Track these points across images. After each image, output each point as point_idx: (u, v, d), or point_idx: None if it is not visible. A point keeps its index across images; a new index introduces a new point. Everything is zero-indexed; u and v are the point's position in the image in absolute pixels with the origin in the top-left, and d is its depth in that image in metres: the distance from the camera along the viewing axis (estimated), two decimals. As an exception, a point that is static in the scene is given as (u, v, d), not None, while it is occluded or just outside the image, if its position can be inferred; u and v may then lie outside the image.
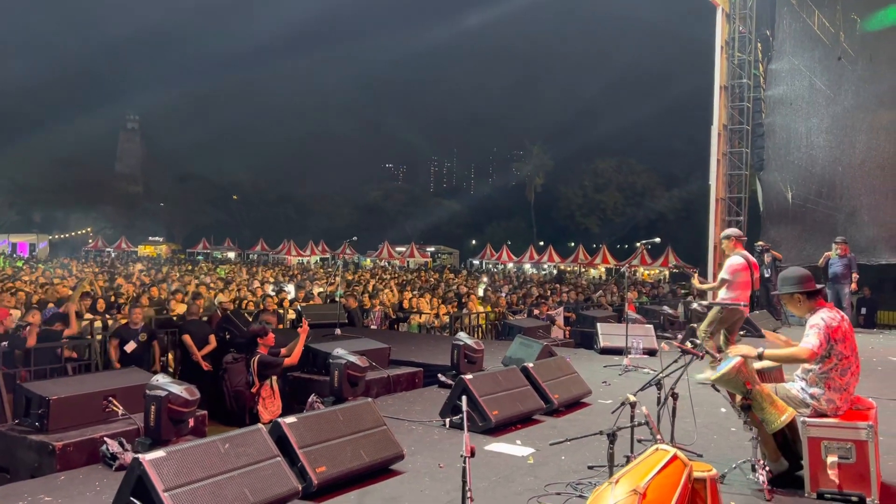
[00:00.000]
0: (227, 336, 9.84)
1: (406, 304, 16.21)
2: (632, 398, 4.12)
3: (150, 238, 61.65)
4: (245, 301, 13.75)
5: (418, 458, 5.09)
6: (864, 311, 16.58)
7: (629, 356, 8.92)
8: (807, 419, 4.37)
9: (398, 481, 4.63)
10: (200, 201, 67.56)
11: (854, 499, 4.18)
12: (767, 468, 4.42)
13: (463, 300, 16.53)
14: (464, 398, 3.81)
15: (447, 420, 5.92)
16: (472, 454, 3.56)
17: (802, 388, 4.54)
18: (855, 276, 13.75)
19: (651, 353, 9.64)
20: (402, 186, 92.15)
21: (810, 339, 4.36)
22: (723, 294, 8.07)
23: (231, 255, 55.06)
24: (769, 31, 16.95)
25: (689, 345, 5.56)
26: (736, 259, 7.98)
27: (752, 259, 8.13)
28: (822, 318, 4.41)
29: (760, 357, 4.60)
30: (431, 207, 71.98)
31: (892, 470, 4.85)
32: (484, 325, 14.82)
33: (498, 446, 5.41)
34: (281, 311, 14.15)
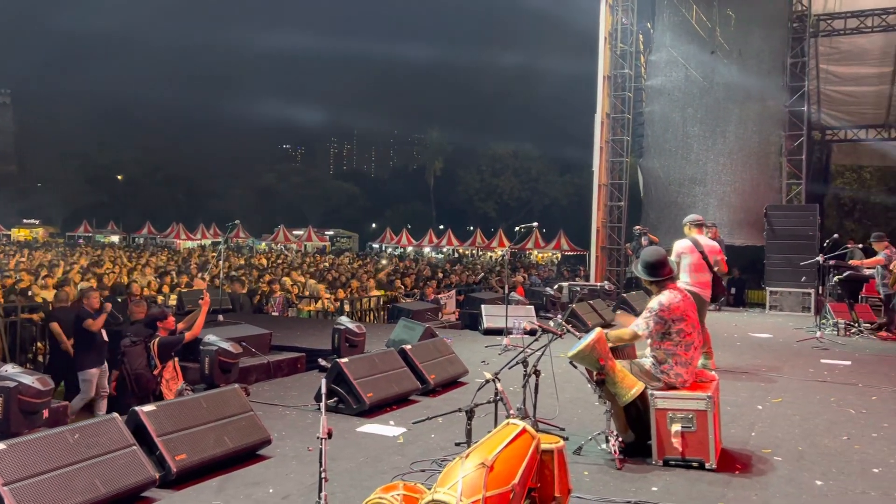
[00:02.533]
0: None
1: (298, 290, 16.00)
2: (488, 375, 4.25)
3: (25, 220, 57.54)
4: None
5: (288, 442, 5.07)
6: (733, 290, 17.75)
7: (509, 336, 9.19)
8: (654, 392, 4.67)
9: (264, 466, 4.60)
10: (81, 181, 63.65)
11: (695, 464, 4.51)
12: (620, 439, 4.69)
13: (356, 283, 16.47)
14: (323, 381, 3.81)
15: (321, 404, 5.89)
16: (330, 436, 3.58)
17: (653, 364, 4.85)
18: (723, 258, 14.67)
19: (531, 332, 9.96)
20: (299, 168, 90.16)
21: (640, 322, 4.76)
22: (681, 278, 7.66)
23: (115, 238, 52.28)
24: (650, 23, 17.71)
25: (551, 324, 5.79)
26: (683, 242, 7.81)
27: (708, 242, 7.88)
28: (660, 301, 4.75)
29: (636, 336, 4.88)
30: (330, 190, 70.92)
31: (734, 437, 5.26)
32: (376, 309, 14.85)
33: (371, 427, 5.47)
34: (162, 296, 13.64)
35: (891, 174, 26.50)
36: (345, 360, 5.97)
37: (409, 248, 50.25)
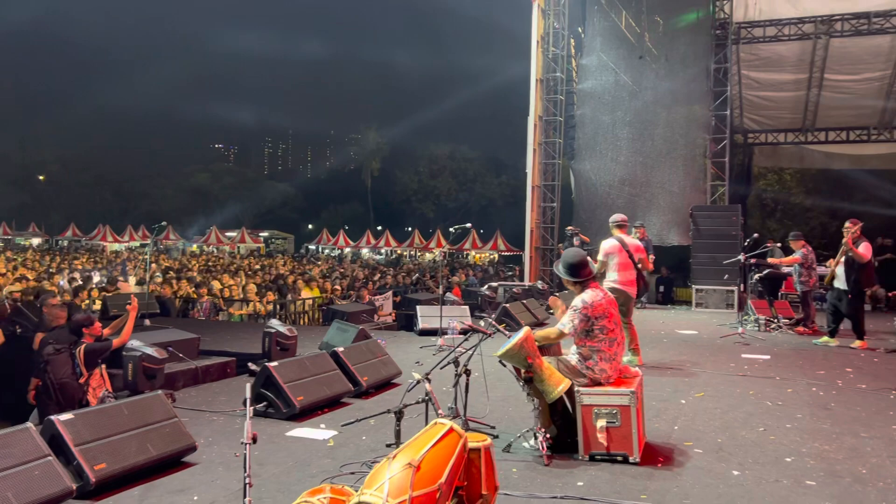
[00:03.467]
0: (19, 330, 8.99)
1: (228, 293, 15.68)
2: (417, 376, 4.28)
3: (-64, 224, 54.52)
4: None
5: (215, 448, 4.97)
6: (662, 288, 18.27)
7: (444, 337, 9.24)
8: (580, 389, 4.78)
9: (188, 473, 4.50)
10: (0, 182, 60.76)
11: (619, 458, 4.63)
12: (548, 435, 4.78)
13: (290, 286, 16.25)
14: (248, 385, 3.74)
15: (248, 408, 5.79)
16: (255, 440, 3.52)
17: (579, 360, 4.96)
18: (651, 257, 15.09)
19: (465, 332, 10.02)
20: (232, 168, 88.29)
21: (565, 321, 4.90)
22: (608, 276, 8.10)
23: (36, 241, 50.06)
24: (581, 27, 18.08)
25: (481, 324, 5.85)
26: (610, 241, 8.16)
27: (633, 241, 8.23)
28: (583, 299, 4.90)
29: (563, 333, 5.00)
30: (265, 191, 69.72)
31: (658, 430, 5.43)
32: (310, 312, 14.69)
33: (301, 431, 5.41)
34: (87, 301, 13.17)
35: (809, 176, 27.80)
36: (274, 363, 5.88)
37: (347, 250, 49.87)
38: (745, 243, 12.16)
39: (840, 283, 9.68)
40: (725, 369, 7.97)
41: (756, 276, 12.68)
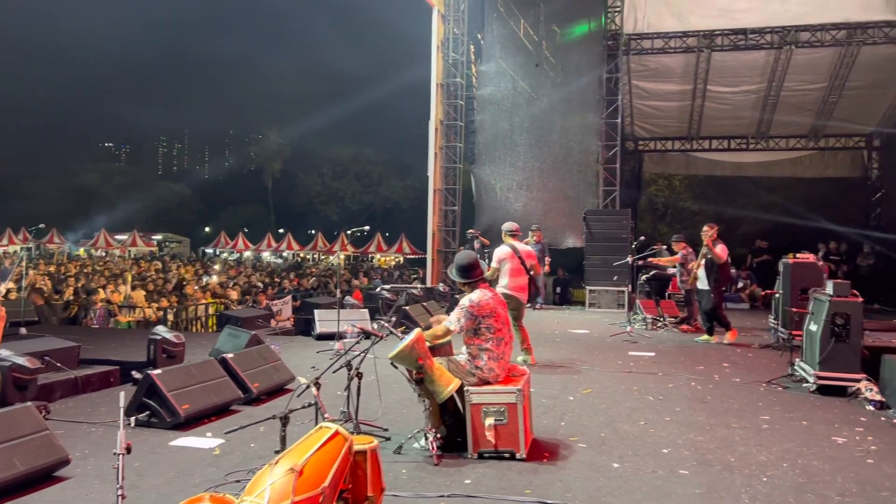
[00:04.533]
0: None
1: (118, 298, 14.97)
2: (303, 380, 4.23)
3: None
4: None
5: (91, 461, 4.73)
6: (559, 290, 18.83)
7: (342, 341, 9.16)
8: (469, 388, 4.86)
9: (61, 488, 4.26)
10: None
11: (507, 455, 4.75)
12: (438, 435, 4.83)
13: (184, 291, 15.67)
14: (121, 394, 3.59)
15: (132, 419, 5.57)
16: (129, 451, 3.38)
17: (468, 360, 5.05)
18: (548, 259, 15.55)
19: (367, 336, 9.97)
20: (123, 168, 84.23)
21: (452, 317, 5.02)
22: (501, 282, 8.30)
23: None
24: (480, 34, 18.37)
25: (374, 327, 5.85)
26: (503, 248, 8.44)
27: (524, 248, 8.52)
28: (471, 298, 5.03)
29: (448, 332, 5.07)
30: (159, 191, 66.84)
31: (546, 427, 5.59)
32: (205, 318, 14.22)
33: (185, 440, 5.23)
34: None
35: (696, 182, 29.31)
36: (157, 371, 5.66)
37: (247, 253, 48.54)
38: (633, 245, 12.71)
39: (702, 283, 10.34)
40: (613, 366, 8.31)
41: (644, 278, 13.29)
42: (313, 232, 52.50)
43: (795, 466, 4.65)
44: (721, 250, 10.01)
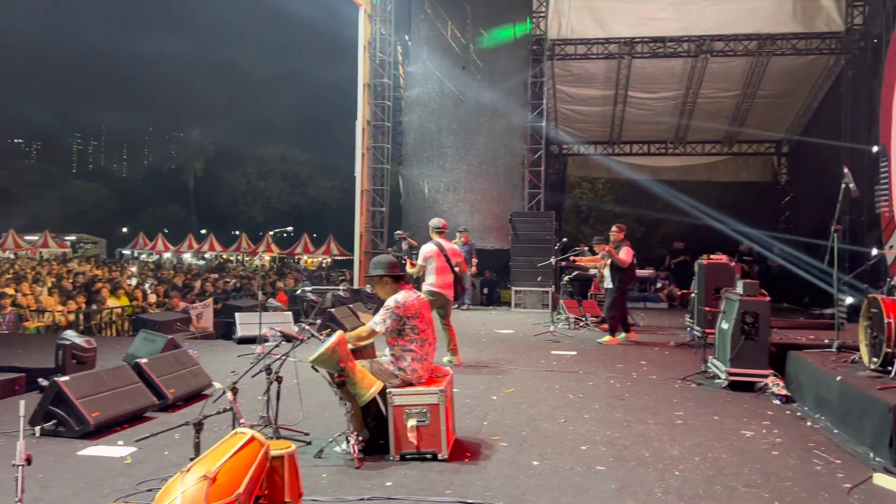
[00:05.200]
0: None
1: (26, 303, 14.23)
2: (219, 386, 4.12)
3: None
4: None
5: (-12, 474, 4.47)
6: (486, 290, 19.01)
7: (264, 344, 8.97)
8: (392, 390, 4.84)
9: (-46, 505, 4.01)
10: None
11: (429, 456, 4.75)
12: (360, 438, 4.79)
13: (96, 294, 15.02)
14: (21, 403, 3.39)
15: (38, 428, 5.29)
16: (29, 462, 3.21)
17: (392, 362, 5.03)
18: (475, 260, 15.66)
19: (288, 339, 9.80)
20: (34, 166, 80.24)
21: (377, 318, 4.98)
22: (427, 280, 8.35)
23: None
24: (407, 35, 18.36)
25: (294, 330, 5.76)
26: (429, 246, 8.45)
27: (451, 246, 8.57)
28: (396, 299, 5.00)
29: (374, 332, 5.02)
30: (73, 191, 63.97)
31: (469, 427, 5.62)
32: (119, 322, 13.69)
33: (95, 449, 5.01)
34: None
35: (618, 185, 30.13)
36: (65, 378, 5.41)
37: (167, 254, 47.01)
38: (556, 247, 12.95)
39: (608, 283, 10.64)
40: (536, 366, 8.44)
41: (567, 278, 13.55)
42: (237, 233, 51.32)
43: (706, 460, 4.83)
44: (625, 254, 10.26)
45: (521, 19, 17.51)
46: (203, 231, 53.62)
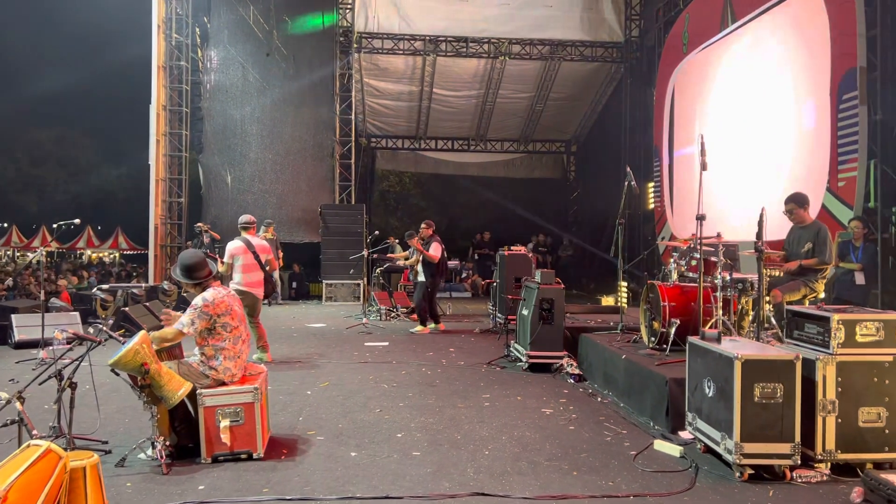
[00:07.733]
0: None
1: None
2: (3, 395, 3.71)
3: None
4: None
5: None
6: (294, 284, 18.66)
7: (47, 348, 8.14)
8: (203, 391, 4.64)
9: None
10: None
11: (244, 456, 4.61)
12: (167, 443, 4.53)
13: None
14: None
15: None
16: None
17: (202, 361, 4.81)
18: (280, 254, 15.32)
19: (81, 341, 8.97)
20: None
21: (184, 319, 4.76)
22: (234, 278, 8.00)
23: None
24: (207, 17, 17.43)
25: (90, 331, 5.31)
26: (235, 243, 8.13)
27: (260, 243, 8.28)
28: (205, 297, 4.81)
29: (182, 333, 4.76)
30: None
31: (284, 423, 5.53)
32: None
33: None
34: None
35: (424, 179, 30.93)
36: None
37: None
38: (368, 240, 13.07)
39: (421, 276, 11.05)
40: (349, 358, 8.49)
41: (378, 270, 13.73)
42: (6, 225, 45.68)
43: (512, 438, 5.17)
44: (434, 249, 10.67)
45: (329, 9, 17.35)
46: (-38, 223, 47.07)
